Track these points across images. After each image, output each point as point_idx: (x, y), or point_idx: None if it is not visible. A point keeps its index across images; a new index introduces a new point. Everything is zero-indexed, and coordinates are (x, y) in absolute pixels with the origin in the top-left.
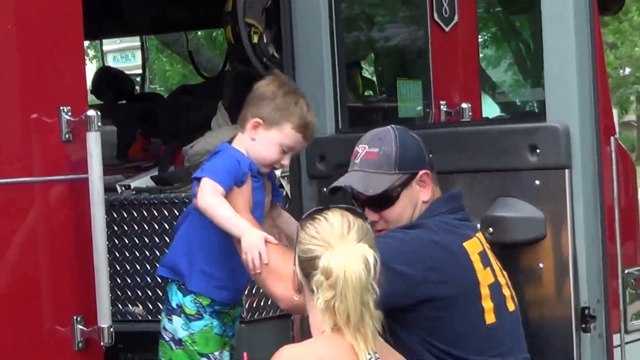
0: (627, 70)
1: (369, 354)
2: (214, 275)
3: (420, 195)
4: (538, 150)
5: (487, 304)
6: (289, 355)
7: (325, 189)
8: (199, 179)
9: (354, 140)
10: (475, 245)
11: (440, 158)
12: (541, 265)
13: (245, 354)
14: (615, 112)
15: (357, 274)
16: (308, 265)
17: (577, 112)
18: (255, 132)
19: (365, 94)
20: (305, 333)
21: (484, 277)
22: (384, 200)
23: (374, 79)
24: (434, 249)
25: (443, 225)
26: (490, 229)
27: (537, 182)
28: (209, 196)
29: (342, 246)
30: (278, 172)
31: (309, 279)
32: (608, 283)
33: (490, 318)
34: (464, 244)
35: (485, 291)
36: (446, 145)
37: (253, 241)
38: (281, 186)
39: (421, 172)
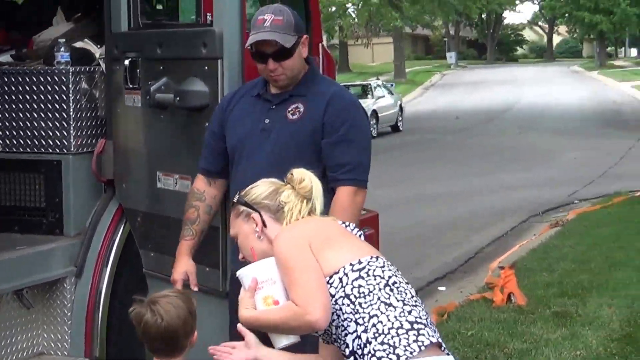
0: (334, 8)
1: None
2: None
3: (302, 52)
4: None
5: None
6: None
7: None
8: None
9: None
10: None
11: None
12: None
13: None
14: (325, 36)
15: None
16: (271, 196)
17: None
18: None
19: None
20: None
21: None
22: (288, 53)
23: None
24: None
25: None
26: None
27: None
28: None
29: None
30: None
31: (274, 203)
32: None
33: None
34: None
35: None
36: None
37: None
38: None
39: (304, 35)
